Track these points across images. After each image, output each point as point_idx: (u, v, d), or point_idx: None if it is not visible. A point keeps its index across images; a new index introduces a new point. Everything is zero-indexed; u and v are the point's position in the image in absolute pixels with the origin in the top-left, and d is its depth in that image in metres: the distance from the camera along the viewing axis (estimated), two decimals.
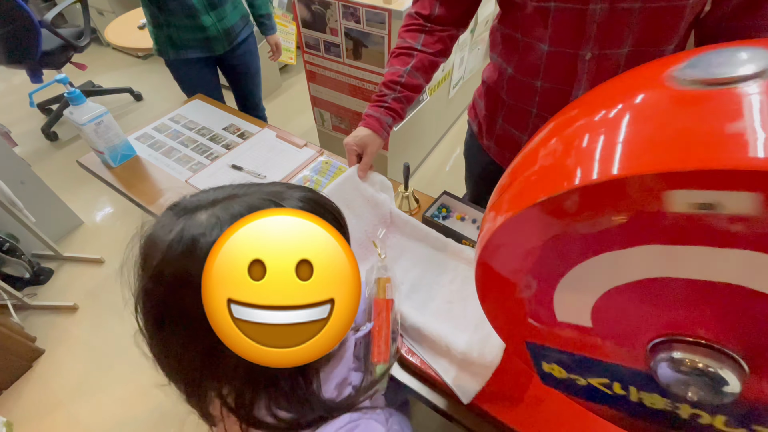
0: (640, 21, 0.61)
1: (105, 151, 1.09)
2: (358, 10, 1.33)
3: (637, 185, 0.26)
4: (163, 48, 1.48)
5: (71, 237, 1.96)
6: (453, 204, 0.97)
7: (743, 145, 0.23)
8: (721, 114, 0.25)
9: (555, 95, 0.75)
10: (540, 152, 0.43)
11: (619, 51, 0.65)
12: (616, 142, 0.30)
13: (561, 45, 0.68)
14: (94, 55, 3.18)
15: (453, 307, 0.76)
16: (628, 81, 0.41)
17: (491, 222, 0.45)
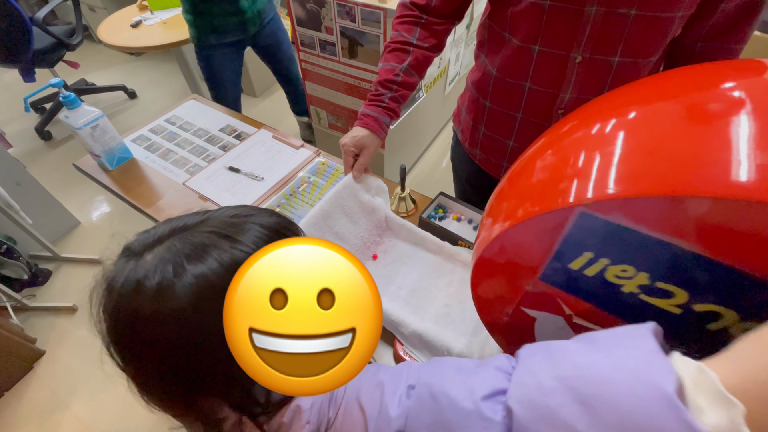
0: (633, 28, 0.61)
1: (101, 154, 1.09)
2: (354, 9, 1.33)
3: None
4: (204, 35, 1.58)
5: (69, 238, 1.96)
6: (449, 204, 0.98)
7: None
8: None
9: (542, 98, 0.75)
10: (538, 163, 0.44)
11: (611, 58, 0.66)
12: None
13: (552, 46, 0.68)
14: (87, 52, 3.15)
15: (451, 310, 0.77)
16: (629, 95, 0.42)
17: (487, 231, 0.46)
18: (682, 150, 0.30)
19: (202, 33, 1.58)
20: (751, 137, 0.28)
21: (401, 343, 0.73)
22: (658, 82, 0.42)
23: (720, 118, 0.30)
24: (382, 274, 0.85)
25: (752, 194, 0.26)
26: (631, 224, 0.32)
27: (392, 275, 0.84)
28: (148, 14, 1.96)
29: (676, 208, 0.29)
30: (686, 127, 0.32)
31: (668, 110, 0.35)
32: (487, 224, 0.47)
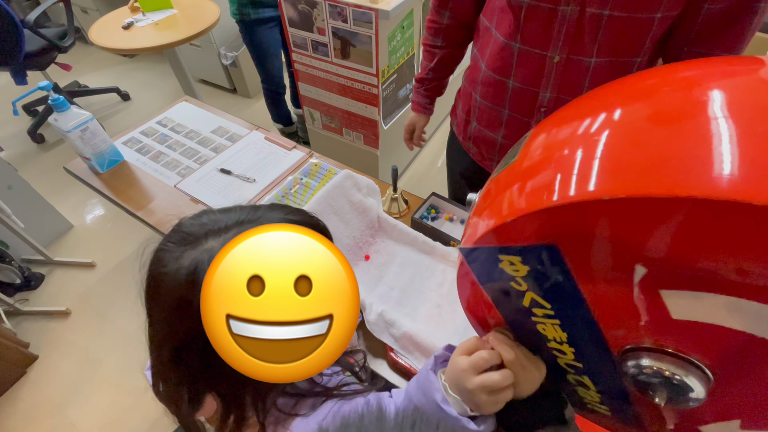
0: (608, 28, 0.61)
1: (92, 157, 1.09)
2: (345, 10, 1.32)
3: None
4: (244, 9, 1.70)
5: (61, 241, 1.95)
6: (441, 205, 0.98)
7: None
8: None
9: (525, 96, 0.75)
10: (524, 162, 0.44)
11: (587, 59, 0.66)
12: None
13: (530, 44, 0.69)
14: (80, 54, 3.13)
15: (442, 311, 0.77)
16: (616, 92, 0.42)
17: (473, 229, 0.46)
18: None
19: (243, 7, 1.69)
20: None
21: (393, 350, 0.72)
22: (636, 80, 0.42)
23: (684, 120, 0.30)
24: (374, 274, 0.85)
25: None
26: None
27: (384, 275, 0.84)
28: (140, 16, 1.95)
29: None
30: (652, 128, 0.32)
31: (639, 111, 0.35)
32: (473, 223, 0.47)
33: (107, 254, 1.87)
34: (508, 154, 0.40)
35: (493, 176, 0.40)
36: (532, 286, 0.34)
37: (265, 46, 1.85)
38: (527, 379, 0.41)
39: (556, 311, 0.35)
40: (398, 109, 1.77)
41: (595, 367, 0.39)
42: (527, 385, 0.41)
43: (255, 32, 1.79)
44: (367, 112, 1.64)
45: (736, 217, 0.21)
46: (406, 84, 1.74)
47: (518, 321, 0.42)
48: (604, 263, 0.29)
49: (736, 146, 0.23)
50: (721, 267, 0.24)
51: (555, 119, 0.39)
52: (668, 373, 0.31)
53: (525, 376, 0.41)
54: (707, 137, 0.24)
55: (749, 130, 0.24)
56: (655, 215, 0.24)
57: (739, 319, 0.26)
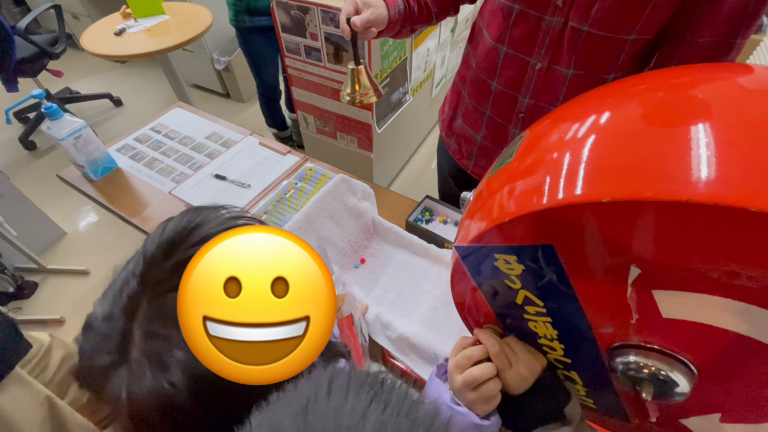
0: (584, 43, 0.64)
1: (85, 165, 1.08)
2: (337, 16, 1.33)
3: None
4: (240, 17, 1.73)
5: (55, 249, 1.93)
6: (435, 207, 0.99)
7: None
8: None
9: (506, 100, 0.78)
10: (515, 165, 0.45)
11: (566, 70, 0.68)
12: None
13: (516, 49, 0.71)
14: (71, 60, 3.12)
15: (438, 312, 0.78)
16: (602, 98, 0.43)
17: (465, 231, 0.47)
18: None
19: (239, 14, 1.72)
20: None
21: (389, 353, 0.73)
22: (627, 84, 0.43)
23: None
24: (370, 277, 0.85)
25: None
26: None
27: (379, 278, 0.85)
28: (132, 22, 1.95)
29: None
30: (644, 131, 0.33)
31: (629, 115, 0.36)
32: (466, 224, 0.48)
33: (101, 261, 1.86)
34: (503, 154, 0.41)
35: (487, 176, 0.41)
36: (526, 284, 0.35)
37: (261, 53, 1.87)
38: (519, 373, 0.41)
39: (549, 309, 0.36)
40: (392, 112, 1.78)
41: (583, 363, 0.40)
42: (519, 379, 0.41)
43: (251, 39, 1.82)
44: (360, 115, 1.65)
45: (713, 220, 0.22)
46: (399, 88, 1.75)
47: (510, 319, 0.43)
48: (599, 263, 0.30)
49: (714, 151, 0.24)
50: (710, 269, 0.25)
51: (551, 119, 0.40)
52: (654, 368, 0.32)
53: (516, 369, 0.41)
54: (687, 142, 0.25)
55: (730, 136, 0.25)
56: (635, 218, 0.25)
57: (727, 318, 0.27)
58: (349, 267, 0.87)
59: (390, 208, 1.02)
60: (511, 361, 0.42)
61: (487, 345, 0.42)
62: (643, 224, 0.25)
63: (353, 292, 0.69)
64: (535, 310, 0.37)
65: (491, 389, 0.42)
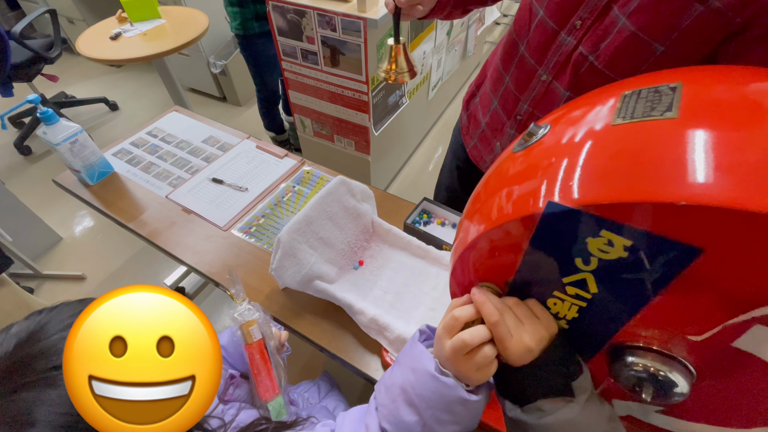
0: (587, 72, 0.63)
1: (81, 170, 1.08)
2: (334, 19, 1.34)
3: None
4: (249, 24, 1.73)
5: (50, 254, 1.92)
6: (433, 209, 0.99)
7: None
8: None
9: (510, 98, 0.78)
10: (511, 169, 0.45)
11: (563, 90, 0.68)
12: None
13: (530, 54, 0.71)
14: (67, 65, 3.11)
15: (436, 314, 0.78)
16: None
17: (465, 233, 0.47)
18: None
19: (246, 23, 1.72)
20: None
21: (387, 350, 0.73)
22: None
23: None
24: (369, 278, 0.85)
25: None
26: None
27: (379, 280, 0.85)
28: (127, 26, 1.95)
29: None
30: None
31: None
32: (465, 226, 0.48)
33: (97, 266, 1.85)
34: (644, 104, 0.32)
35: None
36: (603, 271, 0.31)
37: (267, 58, 1.88)
38: (522, 343, 0.35)
39: (596, 298, 0.33)
40: (388, 115, 1.79)
41: (577, 345, 0.39)
42: (522, 350, 0.35)
43: (257, 45, 1.83)
44: (357, 118, 1.65)
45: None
46: (396, 91, 1.75)
47: (530, 289, 0.38)
48: (742, 286, 0.25)
49: (711, 153, 0.25)
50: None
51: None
52: (653, 369, 0.32)
53: (519, 338, 0.36)
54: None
55: (728, 139, 0.25)
56: None
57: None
58: (348, 268, 0.87)
59: (388, 211, 1.02)
60: (512, 330, 0.36)
61: (484, 312, 0.37)
62: None
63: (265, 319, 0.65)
64: (578, 293, 0.33)
65: (486, 356, 0.36)
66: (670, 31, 0.53)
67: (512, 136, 0.81)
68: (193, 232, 1.01)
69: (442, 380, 0.39)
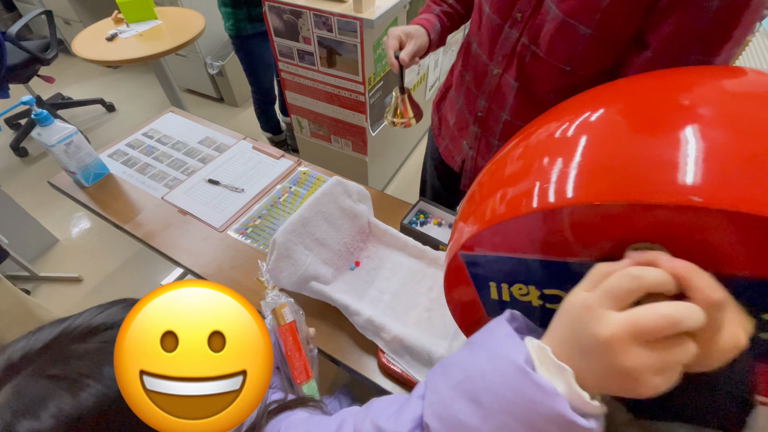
0: (531, 61, 0.66)
1: (77, 171, 1.07)
2: (330, 20, 1.34)
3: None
4: (242, 25, 1.72)
5: (47, 256, 1.91)
6: (430, 210, 0.99)
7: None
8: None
9: (471, 96, 0.80)
10: (507, 169, 0.45)
11: (514, 81, 0.70)
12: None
13: (482, 49, 0.73)
14: (63, 66, 3.10)
15: (432, 314, 0.78)
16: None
17: (459, 233, 0.47)
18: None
19: (239, 24, 1.71)
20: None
21: (383, 352, 0.73)
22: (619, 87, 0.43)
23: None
24: (365, 279, 0.85)
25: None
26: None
27: (375, 280, 0.85)
28: (123, 27, 1.94)
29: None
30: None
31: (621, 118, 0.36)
32: (459, 227, 0.48)
33: (94, 268, 1.84)
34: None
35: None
36: None
37: (260, 59, 1.88)
38: (736, 338, 0.23)
39: None
40: None
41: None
42: (727, 349, 0.23)
43: (251, 46, 1.82)
44: (354, 119, 1.65)
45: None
46: (392, 91, 1.75)
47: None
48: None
49: (702, 156, 0.24)
50: None
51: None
52: None
53: (733, 331, 0.23)
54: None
55: (719, 139, 0.25)
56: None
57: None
58: (344, 269, 0.86)
59: (384, 211, 1.02)
60: (726, 319, 0.22)
61: (700, 283, 0.22)
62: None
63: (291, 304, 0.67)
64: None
65: (688, 351, 0.22)
66: (594, 13, 0.55)
67: (476, 133, 0.84)
68: (189, 233, 1.01)
69: (536, 380, 0.25)
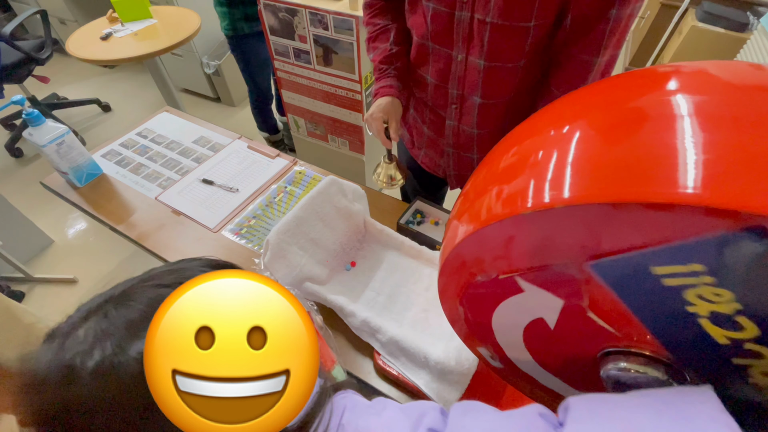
0: (492, 33, 0.66)
1: (69, 171, 1.06)
2: (326, 17, 1.32)
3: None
4: (238, 24, 1.71)
5: (41, 257, 1.90)
6: (427, 209, 0.98)
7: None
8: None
9: (439, 92, 0.81)
10: (501, 164, 0.44)
11: (478, 60, 0.70)
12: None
13: (440, 43, 0.74)
14: (58, 66, 3.08)
15: (429, 315, 0.76)
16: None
17: (452, 232, 0.46)
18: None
19: (236, 23, 1.70)
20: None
21: (379, 353, 0.72)
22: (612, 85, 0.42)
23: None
24: (361, 280, 0.84)
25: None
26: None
27: (371, 281, 0.84)
28: (118, 26, 1.92)
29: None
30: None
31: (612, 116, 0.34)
32: (453, 227, 0.47)
33: (89, 269, 1.82)
34: None
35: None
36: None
37: (257, 58, 1.87)
38: None
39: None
40: None
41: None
42: None
43: (247, 45, 1.81)
44: (351, 118, 1.64)
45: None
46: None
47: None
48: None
49: (701, 153, 0.23)
50: None
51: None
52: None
53: None
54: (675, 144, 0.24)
55: (715, 134, 0.24)
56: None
57: None
58: (339, 270, 0.85)
59: (381, 211, 1.01)
60: None
61: None
62: None
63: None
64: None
65: None
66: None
67: (453, 127, 0.84)
68: (183, 234, 1.00)
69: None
